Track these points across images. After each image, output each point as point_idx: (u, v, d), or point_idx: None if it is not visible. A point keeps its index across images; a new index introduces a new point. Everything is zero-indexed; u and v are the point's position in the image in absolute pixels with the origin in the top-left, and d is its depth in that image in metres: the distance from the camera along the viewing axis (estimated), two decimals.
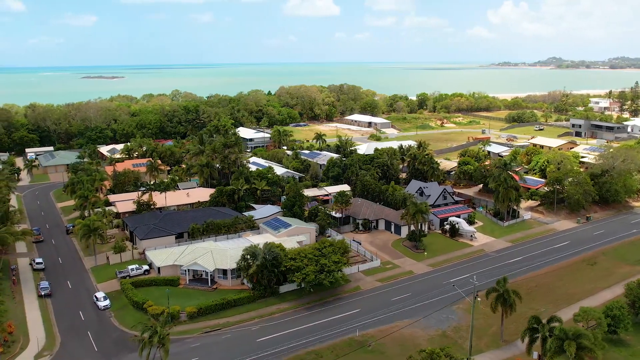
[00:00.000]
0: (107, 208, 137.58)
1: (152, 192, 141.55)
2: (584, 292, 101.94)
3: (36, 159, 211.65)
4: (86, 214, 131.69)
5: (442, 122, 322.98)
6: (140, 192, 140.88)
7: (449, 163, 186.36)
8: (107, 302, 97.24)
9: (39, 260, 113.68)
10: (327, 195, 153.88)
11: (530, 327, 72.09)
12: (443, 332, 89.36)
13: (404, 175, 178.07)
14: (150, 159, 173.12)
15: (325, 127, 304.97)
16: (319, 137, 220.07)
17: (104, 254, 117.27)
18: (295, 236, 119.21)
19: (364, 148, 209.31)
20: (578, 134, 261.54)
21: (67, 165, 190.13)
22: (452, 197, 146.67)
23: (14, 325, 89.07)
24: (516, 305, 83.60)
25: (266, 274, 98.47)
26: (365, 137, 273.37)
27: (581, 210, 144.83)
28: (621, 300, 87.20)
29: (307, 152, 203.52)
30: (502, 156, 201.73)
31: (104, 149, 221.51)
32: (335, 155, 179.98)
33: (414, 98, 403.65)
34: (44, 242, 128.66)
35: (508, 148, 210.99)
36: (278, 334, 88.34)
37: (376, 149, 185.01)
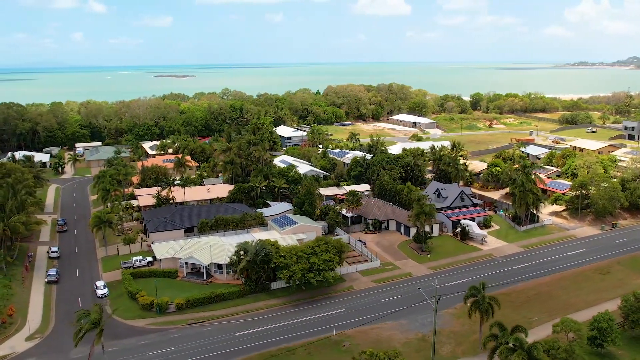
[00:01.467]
0: (129, 201, 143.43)
1: (172, 187, 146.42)
2: (584, 303, 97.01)
3: (83, 153, 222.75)
4: (107, 207, 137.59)
5: (491, 123, 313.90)
6: (160, 187, 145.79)
7: (479, 165, 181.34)
8: (106, 290, 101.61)
9: (54, 248, 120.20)
10: (345, 194, 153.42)
11: (492, 334, 69.50)
12: (423, 336, 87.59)
13: (430, 176, 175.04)
14: (179, 155, 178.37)
15: (369, 127, 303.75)
16: (353, 136, 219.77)
17: (116, 245, 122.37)
18: (299, 234, 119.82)
19: (397, 148, 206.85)
20: (631, 137, 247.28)
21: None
22: (470, 200, 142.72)
23: (15, 309, 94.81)
24: (494, 312, 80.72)
25: (255, 270, 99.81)
26: (406, 137, 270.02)
27: (608, 217, 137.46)
28: (608, 312, 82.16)
29: (336, 151, 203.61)
30: (539, 158, 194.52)
31: (146, 145, 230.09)
32: (359, 154, 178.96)
33: (468, 98, 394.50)
34: (67, 232, 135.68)
35: (547, 150, 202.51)
36: (258, 329, 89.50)
37: (404, 149, 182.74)
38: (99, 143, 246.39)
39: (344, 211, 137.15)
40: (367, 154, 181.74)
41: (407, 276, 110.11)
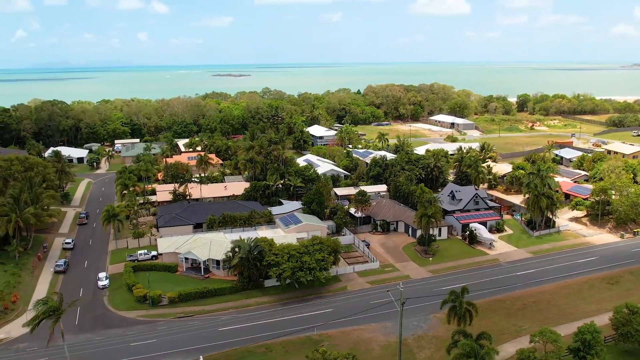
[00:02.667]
0: (147, 197, 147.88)
1: (190, 184, 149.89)
2: (583, 313, 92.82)
3: (119, 150, 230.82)
4: (123, 201, 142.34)
5: (533, 125, 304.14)
6: (177, 184, 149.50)
7: (504, 167, 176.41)
8: (107, 282, 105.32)
9: (69, 240, 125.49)
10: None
11: (454, 341, 67.80)
12: (404, 339, 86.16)
13: (452, 177, 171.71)
14: (201, 152, 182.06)
15: (406, 127, 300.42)
16: (381, 136, 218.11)
17: (126, 238, 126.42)
18: (301, 233, 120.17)
19: (424, 149, 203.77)
20: None
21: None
22: (486, 203, 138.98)
23: (19, 296, 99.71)
24: (472, 319, 78.61)
25: (248, 267, 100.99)
26: (442, 138, 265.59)
27: (630, 224, 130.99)
28: (594, 324, 78.33)
29: (361, 150, 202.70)
30: (572, 161, 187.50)
31: (181, 142, 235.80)
32: (379, 155, 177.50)
33: (514, 99, 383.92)
34: (86, 225, 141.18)
35: (581, 153, 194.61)
36: (242, 325, 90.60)
37: (427, 150, 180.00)
38: (137, 140, 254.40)
39: (352, 211, 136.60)
40: (388, 154, 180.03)
41: (405, 278, 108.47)
